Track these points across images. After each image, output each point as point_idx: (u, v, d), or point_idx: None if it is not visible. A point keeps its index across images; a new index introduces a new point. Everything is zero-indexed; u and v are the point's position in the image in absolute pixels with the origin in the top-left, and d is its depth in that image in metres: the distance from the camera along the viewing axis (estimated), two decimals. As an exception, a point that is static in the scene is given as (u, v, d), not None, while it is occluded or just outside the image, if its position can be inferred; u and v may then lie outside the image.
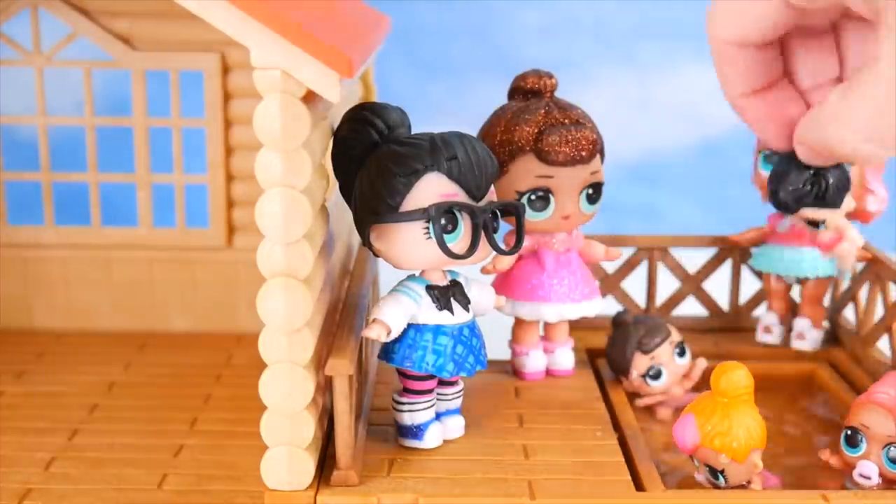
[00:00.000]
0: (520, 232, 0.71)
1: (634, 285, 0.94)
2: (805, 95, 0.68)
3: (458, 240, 0.68)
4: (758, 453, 0.67)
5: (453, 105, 1.40)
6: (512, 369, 0.85)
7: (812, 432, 0.80)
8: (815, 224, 0.81)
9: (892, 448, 0.67)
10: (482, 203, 0.68)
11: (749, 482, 0.67)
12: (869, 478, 0.68)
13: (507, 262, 0.82)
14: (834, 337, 0.91)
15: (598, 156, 0.80)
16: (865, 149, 0.61)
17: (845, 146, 0.62)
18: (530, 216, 0.78)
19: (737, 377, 0.66)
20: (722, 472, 0.66)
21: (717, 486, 0.68)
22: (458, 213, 0.67)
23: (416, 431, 0.71)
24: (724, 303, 0.95)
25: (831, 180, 0.79)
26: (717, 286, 0.95)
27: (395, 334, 0.69)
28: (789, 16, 0.63)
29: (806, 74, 0.68)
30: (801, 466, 0.74)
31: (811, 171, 0.78)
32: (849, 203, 0.81)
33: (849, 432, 0.69)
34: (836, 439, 0.70)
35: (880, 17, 0.58)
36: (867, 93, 0.60)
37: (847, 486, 0.69)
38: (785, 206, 0.80)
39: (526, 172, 0.78)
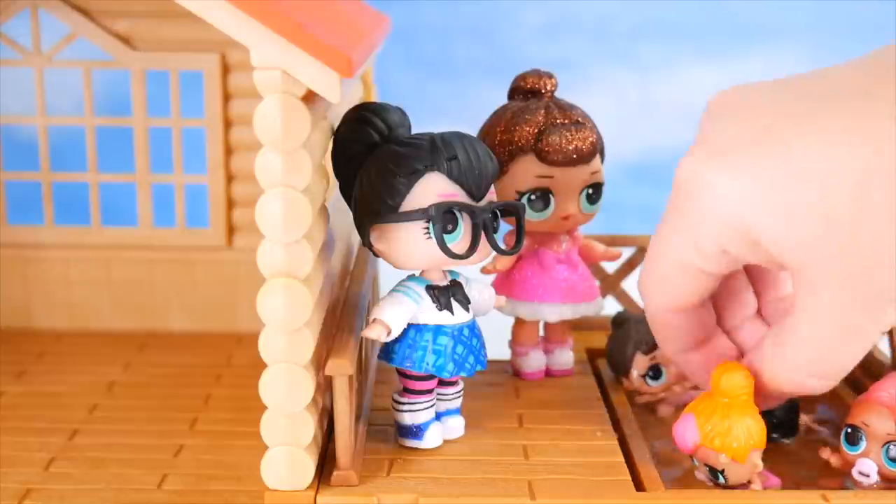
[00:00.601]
0: (520, 232, 0.71)
1: (634, 285, 0.94)
2: (731, 335, 0.72)
3: (458, 240, 0.68)
4: (758, 453, 0.67)
5: (453, 105, 1.40)
6: (512, 369, 0.85)
7: (812, 432, 0.80)
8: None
9: (891, 446, 0.67)
10: (482, 203, 0.68)
11: (749, 482, 0.67)
12: (868, 476, 0.68)
13: (507, 262, 0.82)
14: (834, 337, 0.91)
15: (598, 156, 0.80)
16: (811, 383, 0.66)
17: (792, 385, 0.66)
18: (530, 216, 0.78)
19: (737, 377, 0.66)
20: (722, 472, 0.66)
21: (717, 486, 0.68)
22: (458, 213, 0.67)
23: (416, 431, 0.71)
24: (724, 303, 0.95)
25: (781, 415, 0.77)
26: (717, 286, 0.94)
27: (395, 334, 0.69)
28: (710, 280, 0.66)
29: (729, 317, 0.72)
30: (801, 466, 0.74)
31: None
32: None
33: (849, 430, 0.69)
34: (837, 439, 0.70)
35: (795, 278, 0.62)
36: (798, 340, 0.64)
37: (847, 484, 0.69)
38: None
39: (526, 172, 0.78)
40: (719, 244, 0.63)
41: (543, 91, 0.80)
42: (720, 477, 0.67)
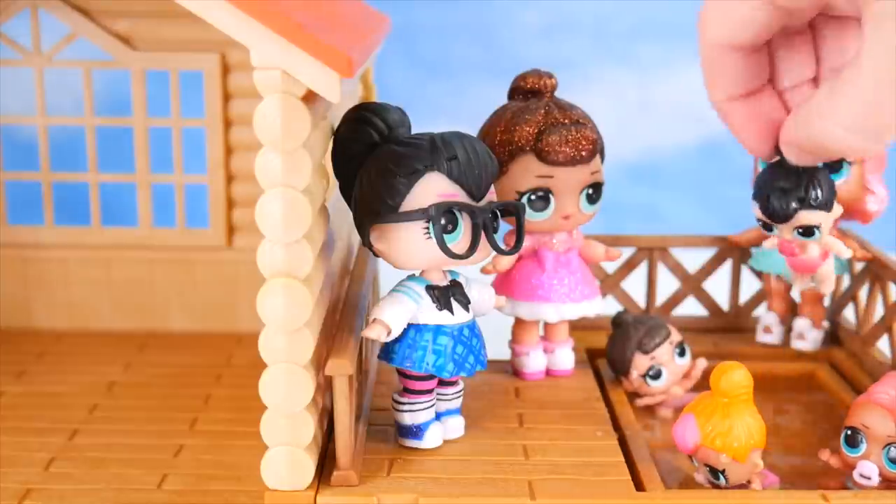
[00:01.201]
0: (520, 232, 0.71)
1: (634, 285, 0.94)
2: (783, 96, 0.69)
3: (458, 240, 0.68)
4: (758, 453, 0.67)
5: (453, 105, 1.40)
6: (512, 369, 0.85)
7: (812, 433, 0.80)
8: (809, 232, 0.75)
9: (892, 448, 0.67)
10: (482, 203, 0.68)
11: (749, 482, 0.67)
12: (869, 478, 0.68)
13: (507, 262, 0.82)
14: (834, 337, 0.91)
15: (598, 156, 0.80)
16: (857, 142, 0.61)
17: (836, 141, 0.62)
18: (530, 216, 0.78)
19: (737, 377, 0.66)
20: (722, 471, 0.66)
21: (717, 486, 0.68)
22: (458, 213, 0.67)
23: (416, 431, 0.71)
24: (724, 303, 0.95)
25: (822, 181, 0.76)
26: (717, 286, 0.95)
27: (395, 334, 0.69)
28: (776, 17, 0.63)
29: (785, 76, 0.68)
30: (801, 466, 0.74)
31: (800, 174, 0.75)
32: (837, 210, 0.78)
33: (849, 432, 0.69)
34: (836, 439, 0.70)
35: (864, 12, 0.58)
36: (854, 89, 0.60)
37: (847, 486, 0.69)
38: (777, 214, 0.76)
39: (526, 172, 0.78)
40: None
41: (543, 91, 0.80)
42: (720, 477, 0.67)
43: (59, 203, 1.00)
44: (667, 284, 0.94)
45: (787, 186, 0.71)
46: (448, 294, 0.70)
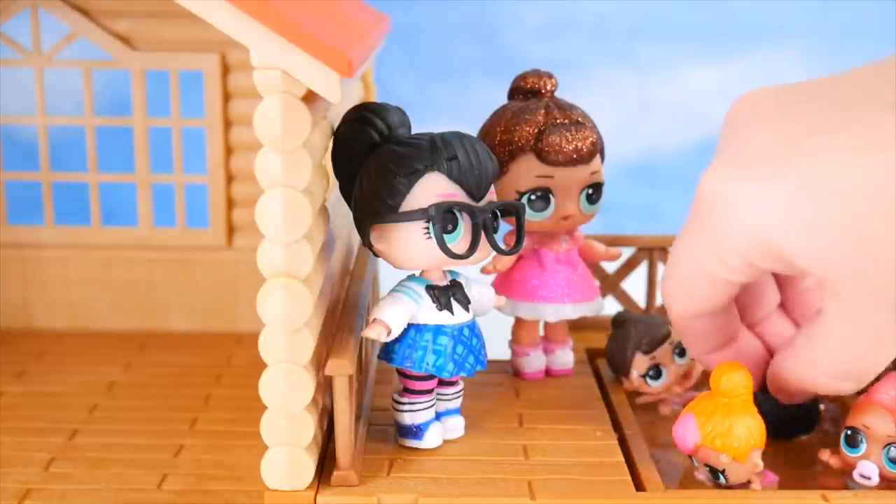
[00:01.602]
0: (520, 232, 0.71)
1: (634, 285, 0.94)
2: (754, 329, 0.73)
3: (458, 240, 0.68)
4: (758, 453, 0.67)
5: (453, 105, 1.40)
6: (512, 369, 0.85)
7: (811, 432, 0.80)
8: None
9: (892, 448, 0.67)
10: (482, 203, 0.68)
11: (749, 482, 0.67)
12: (869, 478, 0.68)
13: (507, 262, 0.82)
14: (834, 337, 0.91)
15: (598, 156, 0.80)
16: (842, 386, 0.67)
17: (822, 388, 0.67)
18: (530, 216, 0.78)
19: (736, 377, 0.66)
20: (723, 471, 0.66)
21: (717, 486, 0.68)
22: (458, 213, 0.67)
23: (416, 431, 0.71)
24: (724, 303, 0.95)
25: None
26: (717, 286, 0.94)
27: (395, 334, 0.69)
28: (735, 287, 0.66)
29: (752, 311, 0.73)
30: (801, 466, 0.74)
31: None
32: None
33: (849, 432, 0.69)
34: (836, 439, 0.70)
35: (824, 286, 0.62)
36: (829, 345, 0.65)
37: (848, 486, 0.69)
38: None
39: (526, 172, 0.78)
40: (744, 257, 0.63)
41: (543, 91, 0.80)
42: (720, 477, 0.67)
43: (59, 203, 1.00)
44: (667, 284, 0.94)
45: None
46: (448, 294, 0.70)
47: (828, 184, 0.59)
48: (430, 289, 0.70)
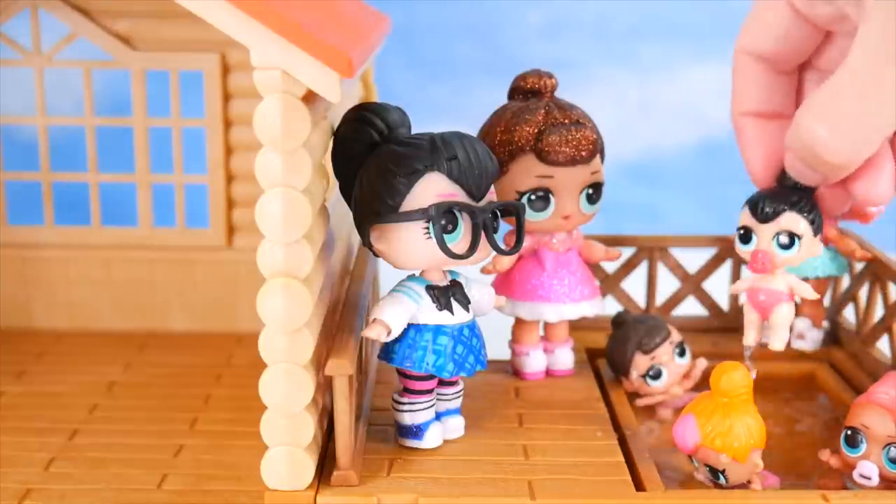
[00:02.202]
0: (520, 232, 0.71)
1: (634, 285, 0.94)
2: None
3: (458, 240, 0.68)
4: (758, 453, 0.67)
5: (453, 105, 1.40)
6: (512, 369, 0.85)
7: (812, 432, 0.80)
8: (788, 243, 0.71)
9: (892, 448, 0.67)
10: (482, 203, 0.68)
11: (749, 482, 0.67)
12: (869, 478, 0.68)
13: (507, 262, 0.82)
14: (834, 337, 0.91)
15: (598, 156, 0.80)
16: (837, 146, 0.63)
17: (819, 143, 0.63)
18: (530, 216, 0.78)
19: (737, 377, 0.66)
20: (723, 471, 0.66)
21: (717, 486, 0.68)
22: (458, 213, 0.67)
23: (416, 431, 0.71)
24: (724, 303, 0.95)
25: (816, 205, 0.72)
26: (717, 286, 0.94)
27: (395, 334, 0.69)
28: (799, 27, 0.64)
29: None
30: (801, 466, 0.74)
31: (795, 190, 0.71)
32: (818, 246, 0.72)
33: (849, 432, 0.69)
34: (836, 439, 0.70)
35: (859, 14, 0.60)
36: (837, 83, 0.62)
37: (847, 486, 0.69)
38: (764, 210, 0.71)
39: (526, 172, 0.78)
40: None
41: (543, 91, 0.80)
42: (720, 477, 0.67)
43: (59, 203, 1.00)
44: (667, 284, 0.94)
45: (780, 193, 0.71)
46: (448, 294, 0.70)
47: None
48: (430, 289, 0.70)
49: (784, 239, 0.71)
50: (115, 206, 1.02)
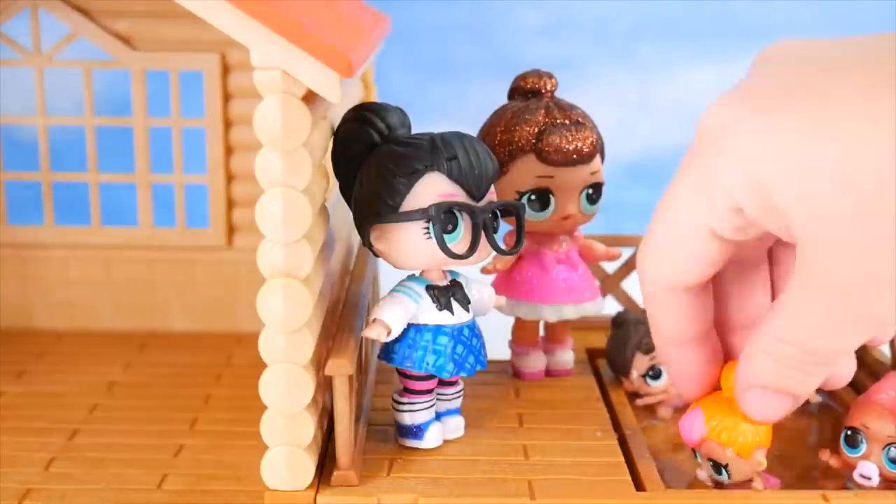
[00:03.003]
0: (520, 232, 0.71)
1: (634, 285, 0.93)
2: (735, 335, 0.66)
3: (459, 240, 0.68)
4: (762, 452, 0.67)
5: (453, 105, 1.40)
6: (512, 369, 0.85)
7: (812, 433, 0.80)
8: None
9: (892, 448, 0.67)
10: (482, 203, 0.68)
11: (751, 480, 0.67)
12: (869, 478, 0.68)
13: (507, 262, 0.82)
14: (834, 337, 0.91)
15: (598, 156, 0.80)
16: (813, 367, 0.59)
17: (769, 367, 0.59)
18: (530, 216, 0.78)
19: None
20: (726, 466, 0.66)
21: (719, 483, 0.68)
22: (458, 213, 0.67)
23: (416, 431, 0.71)
24: (724, 303, 0.94)
25: None
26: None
27: (395, 334, 0.69)
28: (725, 250, 0.60)
29: (739, 314, 0.66)
30: (801, 466, 0.74)
31: None
32: None
33: (849, 433, 0.69)
34: (836, 440, 0.70)
35: (801, 252, 0.56)
36: (789, 308, 0.58)
37: (848, 486, 0.69)
38: None
39: (526, 172, 0.78)
40: (734, 200, 0.56)
41: (543, 91, 0.80)
42: (723, 472, 0.67)
43: (59, 203, 1.00)
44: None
45: None
46: (448, 294, 0.70)
47: (831, 126, 0.53)
48: (430, 289, 0.70)
49: None
50: (115, 206, 1.02)
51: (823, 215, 0.53)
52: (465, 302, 0.71)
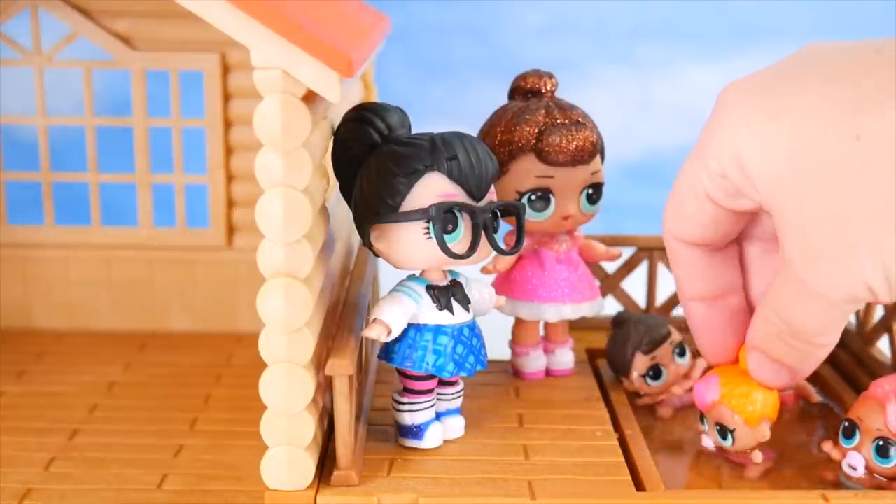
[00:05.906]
0: (520, 232, 0.71)
1: (634, 285, 0.94)
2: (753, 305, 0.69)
3: (459, 240, 0.68)
4: (768, 424, 0.68)
5: (453, 105, 1.40)
6: (512, 369, 0.85)
7: (811, 432, 0.80)
8: None
9: (880, 441, 0.68)
10: (482, 203, 0.68)
11: (751, 450, 0.69)
12: (855, 469, 0.69)
13: (507, 262, 0.82)
14: (834, 337, 0.91)
15: (598, 156, 0.80)
16: (776, 347, 0.64)
17: (760, 345, 0.65)
18: (530, 216, 0.78)
19: None
20: (732, 431, 0.68)
21: (722, 449, 0.70)
22: (458, 213, 0.67)
23: (416, 431, 0.71)
24: (724, 303, 0.95)
25: None
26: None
27: (395, 334, 0.69)
28: (725, 215, 0.65)
29: (762, 286, 0.69)
30: (800, 467, 0.74)
31: None
32: None
33: (846, 424, 0.70)
34: (836, 439, 0.71)
35: (776, 221, 0.61)
36: (770, 293, 0.63)
37: (841, 477, 0.70)
38: None
39: (526, 172, 0.78)
40: (721, 165, 0.62)
41: (543, 91, 0.80)
42: (728, 437, 0.68)
43: (59, 203, 1.00)
44: (667, 284, 0.94)
45: None
46: (448, 294, 0.70)
47: (791, 107, 0.58)
48: (431, 289, 0.70)
49: None
50: (115, 206, 1.02)
51: (778, 190, 0.59)
52: (465, 302, 0.71)
